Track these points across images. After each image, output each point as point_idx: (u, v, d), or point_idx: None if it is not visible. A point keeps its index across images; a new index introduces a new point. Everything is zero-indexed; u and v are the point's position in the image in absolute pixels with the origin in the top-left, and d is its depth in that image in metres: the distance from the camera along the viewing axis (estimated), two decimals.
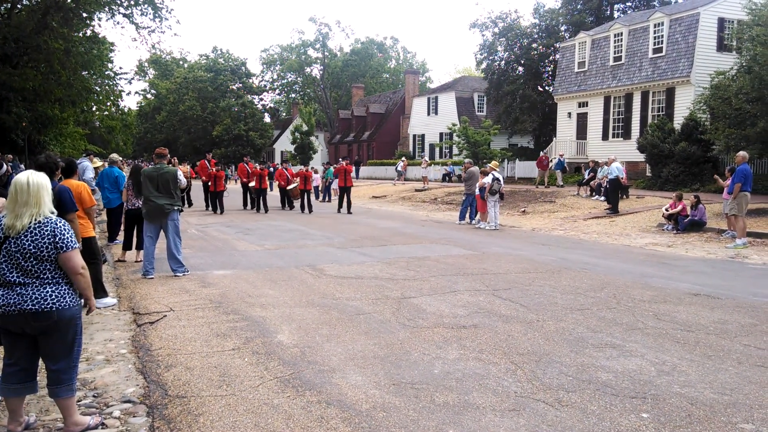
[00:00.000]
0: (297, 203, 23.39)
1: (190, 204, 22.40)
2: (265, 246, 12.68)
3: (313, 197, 24.10)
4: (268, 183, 22.44)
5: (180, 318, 6.74)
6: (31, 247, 3.68)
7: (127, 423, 4.16)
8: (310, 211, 21.40)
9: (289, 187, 22.78)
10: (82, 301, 3.98)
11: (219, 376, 4.92)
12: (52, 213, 3.84)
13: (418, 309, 7.14)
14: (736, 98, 16.16)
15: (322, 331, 6.20)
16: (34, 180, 3.77)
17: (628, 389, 4.63)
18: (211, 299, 7.68)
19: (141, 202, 9.65)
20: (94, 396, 4.63)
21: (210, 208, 21.49)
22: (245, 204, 23.06)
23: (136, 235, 10.80)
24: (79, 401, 4.36)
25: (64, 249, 3.77)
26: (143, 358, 5.43)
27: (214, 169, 21.07)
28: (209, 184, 21.36)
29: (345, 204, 21.57)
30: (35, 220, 3.72)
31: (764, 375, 4.96)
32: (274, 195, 24.95)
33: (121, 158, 13.60)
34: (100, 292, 7.47)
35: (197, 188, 25.30)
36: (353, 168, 24.34)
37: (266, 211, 20.98)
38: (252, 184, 22.07)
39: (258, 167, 21.91)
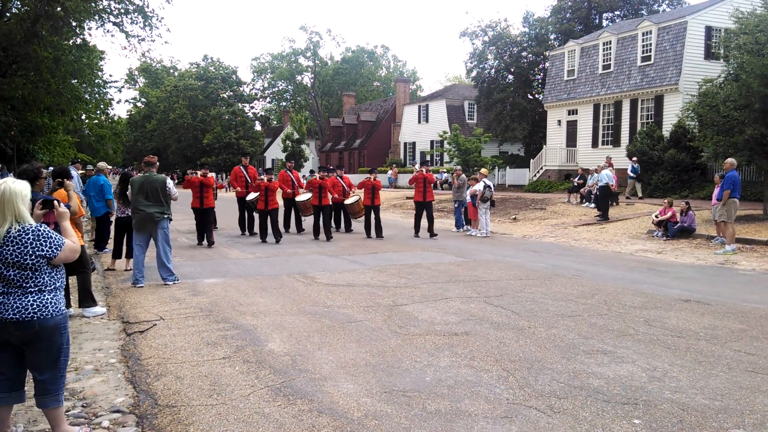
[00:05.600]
0: (343, 222, 17.98)
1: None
2: (256, 254, 12.63)
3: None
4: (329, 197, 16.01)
5: (170, 327, 6.69)
6: (13, 256, 3.63)
7: None
8: (379, 234, 15.79)
9: (348, 201, 16.91)
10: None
11: (209, 385, 4.88)
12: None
13: (409, 316, 7.13)
14: (724, 106, 16.28)
15: (314, 339, 6.17)
16: (9, 188, 3.68)
17: (620, 395, 4.63)
18: (202, 308, 7.63)
19: (130, 211, 9.58)
20: (82, 406, 4.58)
21: (246, 232, 16.40)
22: (288, 225, 17.36)
23: (125, 244, 10.74)
24: (67, 411, 4.31)
25: (54, 255, 3.74)
26: (133, 367, 5.38)
27: (265, 178, 14.69)
28: (245, 198, 16.29)
29: (421, 225, 16.44)
30: (15, 228, 3.67)
31: (755, 380, 4.98)
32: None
33: (110, 167, 13.51)
34: (90, 301, 7.42)
35: (224, 208, 22.49)
36: (435, 178, 18.23)
37: (329, 237, 15.26)
38: (303, 197, 16.29)
39: (317, 176, 15.74)
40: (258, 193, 15.01)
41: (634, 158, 23.43)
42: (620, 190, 22.52)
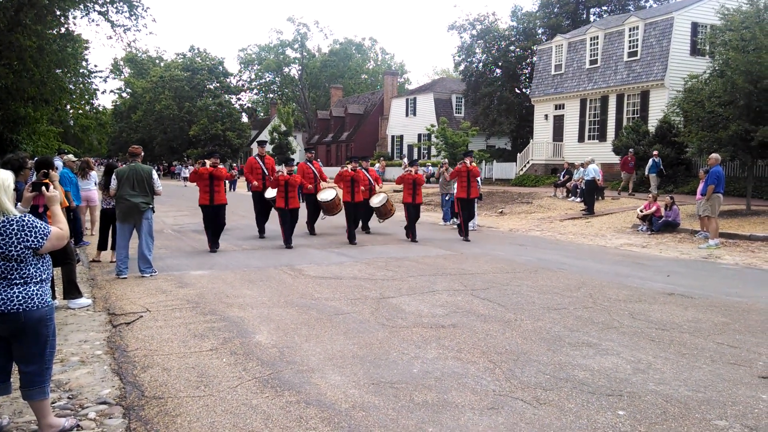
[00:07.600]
0: (381, 222, 15.86)
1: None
2: (243, 246, 12.59)
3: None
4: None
5: (156, 318, 6.66)
6: None
7: (103, 424, 4.11)
8: (413, 237, 13.82)
9: (374, 202, 15.29)
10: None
11: (197, 376, 4.87)
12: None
13: (397, 309, 7.15)
14: (709, 101, 16.44)
15: (301, 331, 6.17)
16: None
17: (605, 387, 4.68)
18: (189, 300, 7.60)
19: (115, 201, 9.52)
20: (69, 397, 4.56)
21: (263, 234, 14.18)
22: (311, 229, 15.20)
23: (111, 235, 10.65)
24: (53, 403, 4.29)
25: (41, 246, 3.68)
26: (119, 359, 5.36)
27: (285, 170, 12.69)
28: (263, 193, 14.17)
29: (464, 227, 14.30)
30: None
31: (737, 372, 5.05)
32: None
33: (75, 159, 13.29)
34: (75, 292, 7.36)
35: (237, 201, 21.32)
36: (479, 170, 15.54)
37: (353, 241, 13.31)
38: (325, 196, 14.56)
39: (349, 168, 13.87)
40: (277, 188, 12.81)
41: (656, 152, 21.97)
42: (606, 185, 22.65)
